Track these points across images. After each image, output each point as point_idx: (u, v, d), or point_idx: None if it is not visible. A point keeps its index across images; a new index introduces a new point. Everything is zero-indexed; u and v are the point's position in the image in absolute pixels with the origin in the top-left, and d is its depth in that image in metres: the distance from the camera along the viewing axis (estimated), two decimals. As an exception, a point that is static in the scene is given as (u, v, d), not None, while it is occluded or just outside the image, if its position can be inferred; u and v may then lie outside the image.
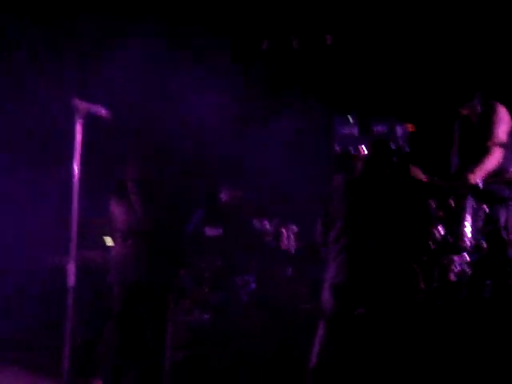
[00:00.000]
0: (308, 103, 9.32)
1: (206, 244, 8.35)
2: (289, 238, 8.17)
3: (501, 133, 7.42)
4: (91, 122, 5.45)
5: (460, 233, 7.19)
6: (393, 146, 7.72)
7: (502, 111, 7.48)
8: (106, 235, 8.36)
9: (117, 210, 6.62)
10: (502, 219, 7.13)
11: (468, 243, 7.16)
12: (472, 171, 7.26)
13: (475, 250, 7.19)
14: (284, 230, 8.17)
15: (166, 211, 6.59)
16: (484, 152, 7.42)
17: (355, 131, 7.93)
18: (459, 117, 7.74)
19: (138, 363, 6.51)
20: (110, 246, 8.21)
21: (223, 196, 8.42)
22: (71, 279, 5.29)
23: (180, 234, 7.14)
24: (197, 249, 8.29)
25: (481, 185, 7.14)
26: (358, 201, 5.91)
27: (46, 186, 8.97)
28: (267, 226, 8.22)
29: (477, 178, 7.24)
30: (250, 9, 9.32)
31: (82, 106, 5.33)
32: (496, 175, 7.49)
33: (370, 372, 5.92)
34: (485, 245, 7.16)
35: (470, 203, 7.21)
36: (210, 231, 8.32)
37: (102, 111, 5.48)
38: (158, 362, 6.53)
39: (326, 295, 5.86)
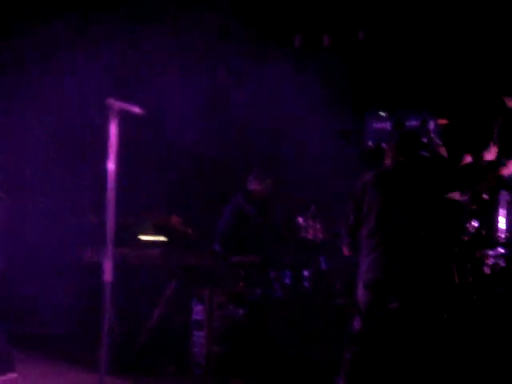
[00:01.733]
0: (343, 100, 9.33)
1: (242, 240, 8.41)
2: (316, 229, 8.19)
3: None
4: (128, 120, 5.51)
5: (493, 226, 7.18)
6: (424, 140, 7.75)
7: None
8: (142, 232, 8.47)
9: None
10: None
11: (502, 236, 7.14)
12: (504, 164, 7.25)
13: (509, 243, 7.18)
14: (312, 222, 8.19)
15: None
16: None
17: (388, 126, 7.96)
18: (504, 108, 7.67)
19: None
20: (145, 243, 8.33)
21: (253, 184, 8.44)
22: (108, 275, 5.36)
23: None
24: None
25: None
26: (391, 195, 5.92)
27: (82, 181, 9.10)
28: (301, 221, 8.25)
29: (509, 170, 7.24)
30: (283, 4, 9.36)
31: (115, 104, 5.40)
32: None
33: (406, 367, 5.94)
34: (519, 238, 7.15)
35: (504, 196, 7.19)
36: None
37: (136, 109, 5.55)
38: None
39: (361, 290, 5.89)
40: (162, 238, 8.27)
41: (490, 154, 7.63)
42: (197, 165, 9.75)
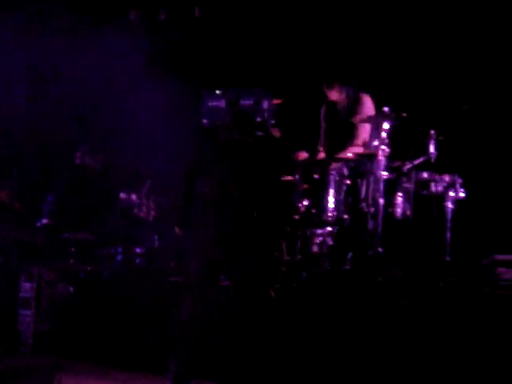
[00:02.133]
0: (177, 76, 9.29)
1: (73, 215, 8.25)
2: (149, 207, 8.16)
3: (367, 111, 7.68)
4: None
5: (323, 205, 7.37)
6: (258, 119, 7.84)
7: (368, 100, 7.75)
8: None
9: None
10: (363, 192, 7.34)
11: (330, 215, 7.34)
12: (342, 148, 7.52)
13: (337, 222, 7.39)
14: (146, 200, 8.15)
15: None
16: (351, 129, 7.66)
17: (222, 104, 8.00)
18: (326, 100, 7.91)
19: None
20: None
21: (82, 159, 8.26)
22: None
23: None
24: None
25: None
26: (223, 173, 5.94)
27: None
28: (134, 198, 8.18)
29: (346, 152, 7.48)
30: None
31: None
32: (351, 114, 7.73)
33: (235, 341, 6.02)
34: (346, 217, 7.36)
35: (333, 177, 7.39)
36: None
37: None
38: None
39: (193, 267, 5.90)
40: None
41: (321, 153, 7.88)
42: (29, 138, 9.47)
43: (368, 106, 7.72)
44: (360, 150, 7.58)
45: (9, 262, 7.55)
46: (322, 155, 7.91)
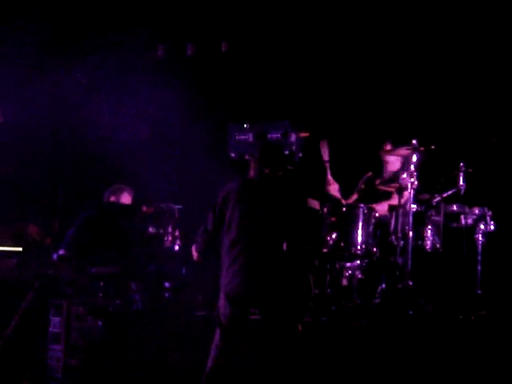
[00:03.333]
0: (205, 110, 9.34)
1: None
2: (174, 237, 8.15)
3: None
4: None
5: (351, 238, 7.36)
6: (286, 152, 7.87)
7: None
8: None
9: None
10: (392, 225, 7.32)
11: (359, 249, 7.33)
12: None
13: (366, 255, 7.37)
14: (172, 231, 8.15)
15: None
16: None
17: (250, 137, 8.03)
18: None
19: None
20: None
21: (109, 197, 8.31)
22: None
23: None
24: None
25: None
26: (254, 206, 5.93)
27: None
28: (161, 231, 8.20)
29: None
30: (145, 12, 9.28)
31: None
32: (388, 182, 7.72)
33: (266, 376, 5.99)
34: (375, 250, 7.35)
35: (362, 209, 7.38)
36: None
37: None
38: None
39: (222, 302, 5.90)
40: (17, 248, 8.04)
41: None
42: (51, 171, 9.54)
43: None
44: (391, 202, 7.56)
45: (38, 297, 7.57)
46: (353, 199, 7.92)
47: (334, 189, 7.79)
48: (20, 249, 7.93)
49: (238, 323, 5.86)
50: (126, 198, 8.20)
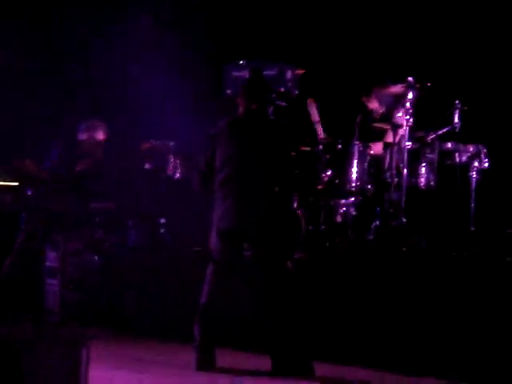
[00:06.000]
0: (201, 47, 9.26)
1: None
2: (176, 165, 8.15)
3: None
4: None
5: (346, 175, 7.38)
6: (282, 89, 7.84)
7: None
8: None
9: None
10: (386, 162, 7.33)
11: (353, 185, 7.35)
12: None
13: (360, 192, 7.40)
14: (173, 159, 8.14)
15: None
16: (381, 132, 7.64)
17: (246, 74, 8.00)
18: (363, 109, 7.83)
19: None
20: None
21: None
22: None
23: None
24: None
25: None
26: (245, 144, 5.91)
27: None
28: (160, 164, 8.22)
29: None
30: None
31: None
32: (382, 120, 7.71)
33: (257, 311, 6.06)
34: (370, 187, 7.38)
35: (357, 146, 7.39)
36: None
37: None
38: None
39: (214, 237, 5.93)
40: (13, 183, 8.06)
41: None
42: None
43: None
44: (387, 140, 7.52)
45: (35, 232, 7.61)
46: None
47: None
48: (16, 183, 7.95)
49: (230, 258, 5.91)
50: (100, 135, 8.12)
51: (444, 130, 7.27)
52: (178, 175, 8.18)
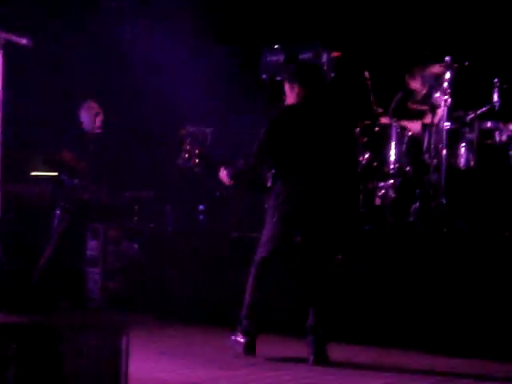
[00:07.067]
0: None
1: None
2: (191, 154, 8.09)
3: None
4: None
5: (384, 158, 7.32)
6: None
7: None
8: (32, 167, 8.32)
9: None
10: (425, 143, 7.26)
11: (392, 168, 7.29)
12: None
13: (399, 174, 7.34)
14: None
15: None
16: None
17: (281, 58, 7.96)
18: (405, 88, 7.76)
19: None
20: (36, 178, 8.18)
21: None
22: None
23: None
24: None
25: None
26: (304, 132, 5.85)
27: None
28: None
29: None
30: None
31: (1, 35, 5.17)
32: (420, 102, 7.63)
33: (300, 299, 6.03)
34: (408, 169, 7.31)
35: (395, 128, 7.32)
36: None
37: (23, 41, 5.33)
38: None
39: (271, 224, 5.84)
40: (53, 174, 8.12)
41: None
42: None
43: None
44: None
45: (76, 221, 7.66)
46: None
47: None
48: (55, 174, 8.02)
49: (287, 242, 5.86)
50: (98, 117, 8.15)
51: (483, 109, 7.17)
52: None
